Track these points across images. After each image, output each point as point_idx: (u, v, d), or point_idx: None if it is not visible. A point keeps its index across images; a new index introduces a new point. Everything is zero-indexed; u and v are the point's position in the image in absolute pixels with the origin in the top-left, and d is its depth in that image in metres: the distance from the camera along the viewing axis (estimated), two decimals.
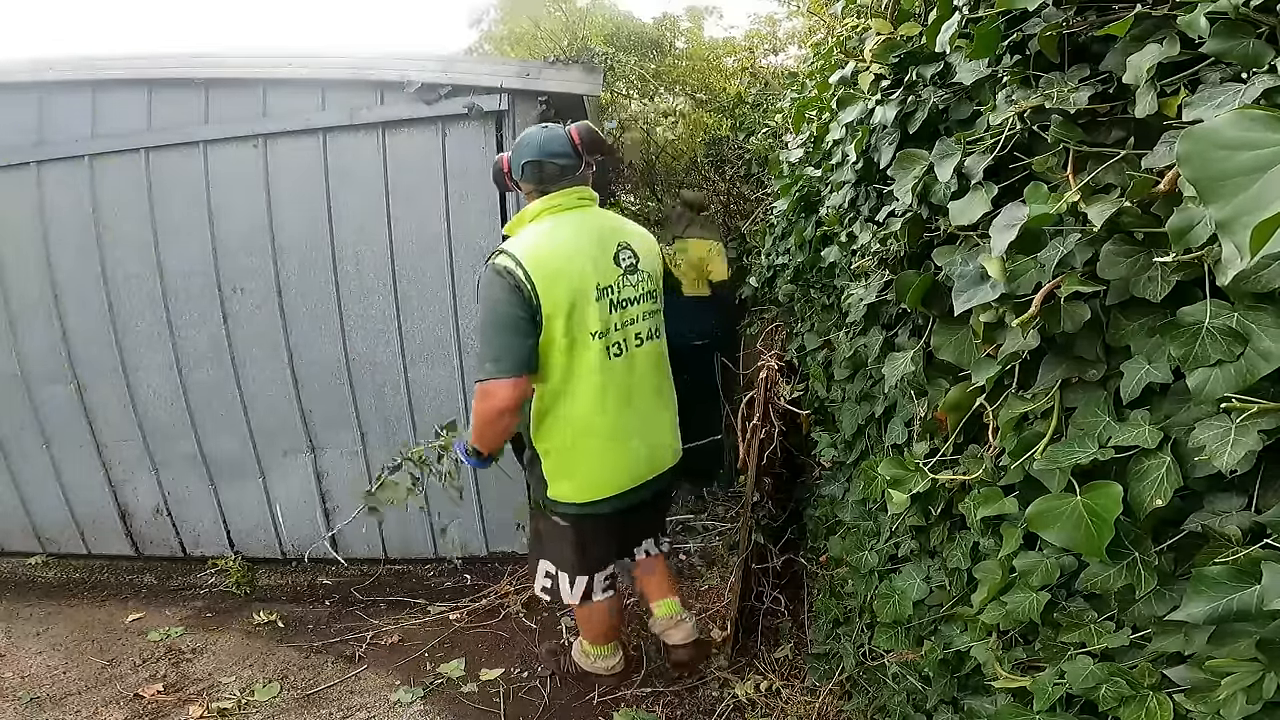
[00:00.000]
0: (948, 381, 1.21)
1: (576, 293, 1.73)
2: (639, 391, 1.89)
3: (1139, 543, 0.84)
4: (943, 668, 1.28)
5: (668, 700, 2.26)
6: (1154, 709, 0.81)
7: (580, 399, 1.81)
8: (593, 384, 1.80)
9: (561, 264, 1.73)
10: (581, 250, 1.77)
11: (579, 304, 1.74)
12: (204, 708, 2.25)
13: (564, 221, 1.80)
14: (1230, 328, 0.72)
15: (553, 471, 1.90)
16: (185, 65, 2.82)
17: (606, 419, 1.84)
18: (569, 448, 1.86)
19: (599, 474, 1.88)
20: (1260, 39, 0.76)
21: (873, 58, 1.37)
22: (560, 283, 1.71)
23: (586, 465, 1.87)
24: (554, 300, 1.71)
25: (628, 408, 1.86)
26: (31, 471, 3.22)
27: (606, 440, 1.85)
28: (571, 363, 1.77)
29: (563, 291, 1.71)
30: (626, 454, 1.89)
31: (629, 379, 1.85)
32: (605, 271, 1.79)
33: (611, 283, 1.80)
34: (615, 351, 1.81)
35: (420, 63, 2.75)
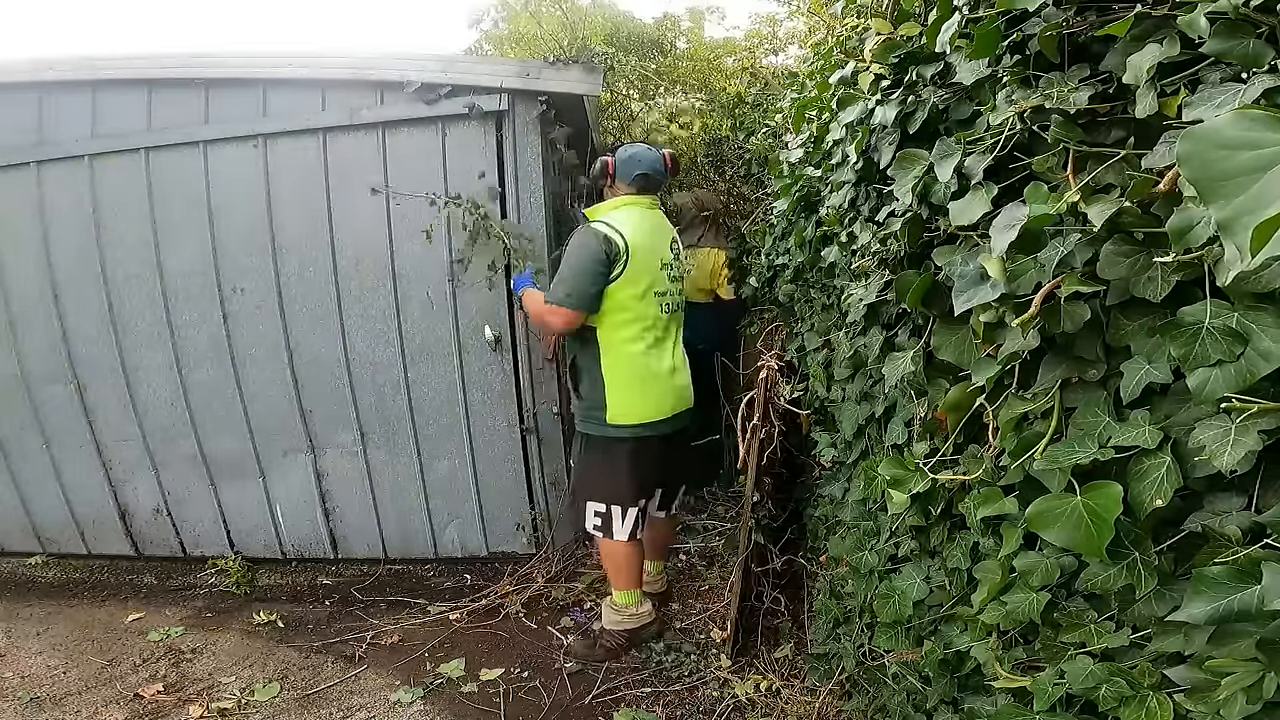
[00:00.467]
0: (948, 381, 1.21)
1: (655, 261, 2.38)
2: (674, 340, 2.50)
3: (1139, 543, 0.84)
4: (943, 668, 1.28)
5: (668, 700, 2.26)
6: (1154, 709, 0.81)
7: (642, 338, 2.37)
8: (652, 328, 2.39)
9: (649, 241, 2.38)
10: (656, 235, 2.43)
11: (655, 269, 2.38)
12: (204, 708, 2.25)
13: (643, 214, 2.41)
14: (1230, 328, 0.72)
15: (615, 398, 2.38)
16: (185, 65, 2.82)
17: (658, 355, 2.42)
18: (629, 375, 2.37)
19: (651, 399, 2.40)
20: (1260, 39, 0.76)
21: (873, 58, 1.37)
22: (647, 253, 2.36)
23: (643, 390, 2.39)
24: (641, 263, 2.32)
25: (669, 349, 2.46)
26: (31, 471, 3.22)
27: (658, 371, 2.40)
28: (642, 309, 2.35)
29: (647, 259, 2.35)
30: (670, 385, 2.44)
31: (670, 330, 2.47)
32: (665, 253, 2.45)
33: (669, 260, 2.45)
34: (670, 307, 2.44)
35: (420, 63, 2.75)
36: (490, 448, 3.05)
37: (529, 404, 2.99)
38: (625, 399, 2.37)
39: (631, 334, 2.36)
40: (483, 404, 3.00)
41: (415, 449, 3.06)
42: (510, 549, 3.15)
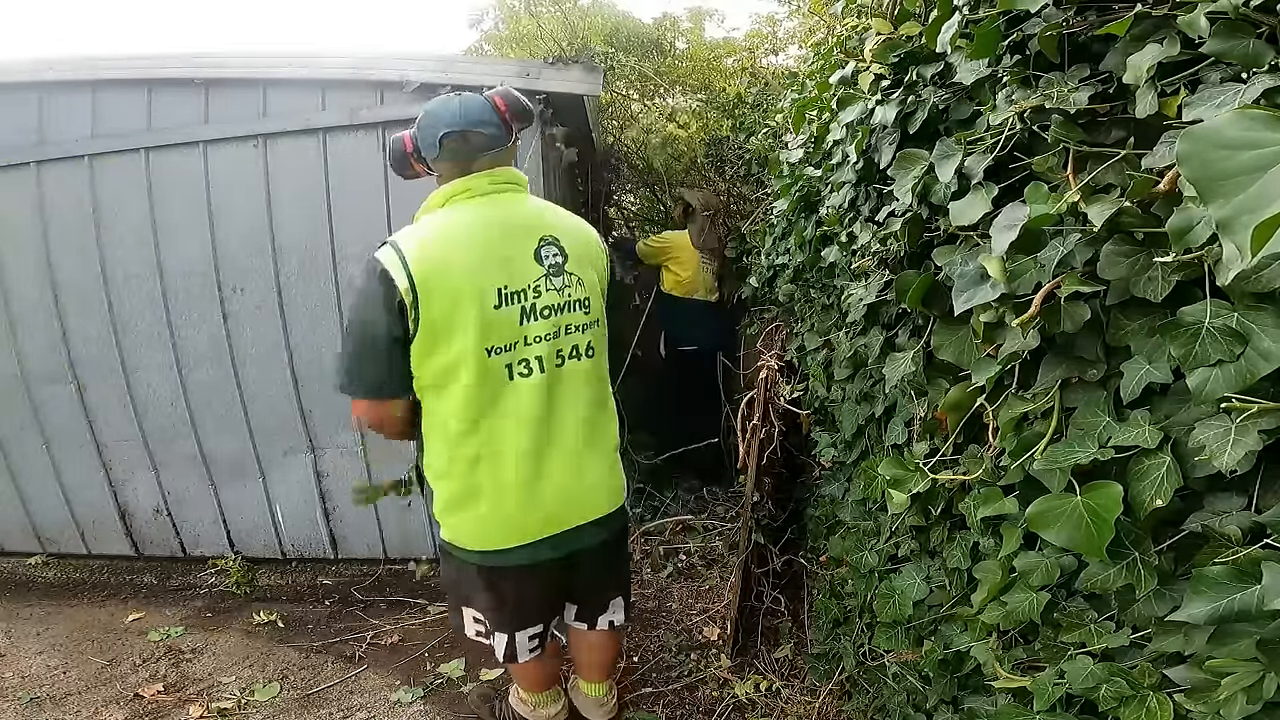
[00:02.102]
0: (948, 381, 1.21)
1: (466, 298, 1.40)
2: (558, 421, 1.52)
3: (1139, 543, 0.84)
4: (943, 668, 1.28)
5: (668, 700, 2.26)
6: (1154, 709, 0.81)
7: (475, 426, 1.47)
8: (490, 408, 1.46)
9: (453, 262, 1.40)
10: (483, 246, 1.43)
11: (469, 312, 1.40)
12: (204, 708, 2.25)
13: (471, 212, 1.47)
14: (1230, 328, 0.72)
15: (444, 509, 1.57)
16: (185, 65, 2.82)
17: (508, 452, 1.49)
18: (462, 483, 1.52)
19: (498, 518, 1.53)
20: (1260, 39, 0.76)
21: (873, 58, 1.37)
22: (447, 281, 1.39)
23: (483, 506, 1.52)
24: (437, 302, 1.38)
25: (538, 439, 1.51)
26: (31, 471, 3.22)
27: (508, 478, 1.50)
28: (463, 381, 1.44)
29: (449, 293, 1.38)
30: (533, 496, 1.52)
31: (543, 405, 1.49)
32: (517, 272, 1.44)
33: (524, 287, 1.45)
34: (523, 371, 1.46)
35: (420, 63, 2.75)
36: None
37: None
38: (456, 519, 1.57)
39: (458, 423, 1.48)
40: None
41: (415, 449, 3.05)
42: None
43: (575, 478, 1.57)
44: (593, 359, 1.57)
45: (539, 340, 1.47)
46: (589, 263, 1.57)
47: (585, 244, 1.59)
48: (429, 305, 1.39)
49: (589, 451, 1.59)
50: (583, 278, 1.54)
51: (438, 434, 1.53)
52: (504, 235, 1.47)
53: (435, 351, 1.43)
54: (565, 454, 1.55)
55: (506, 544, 1.55)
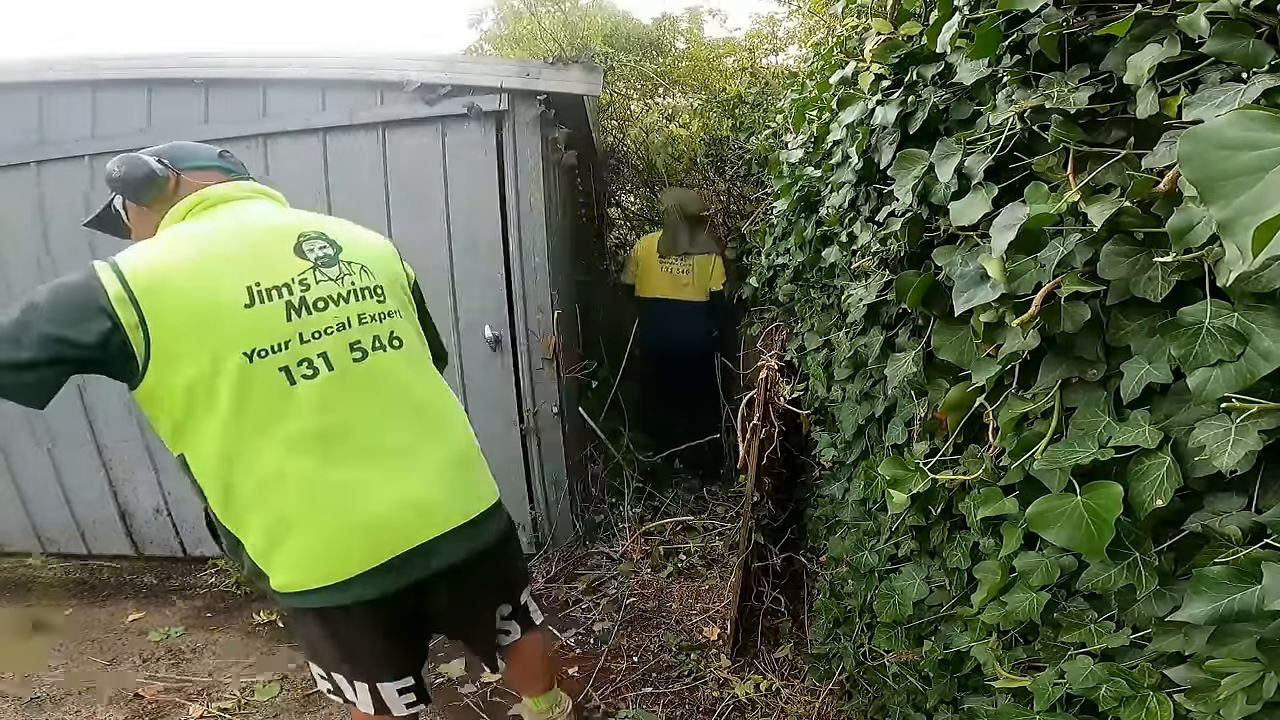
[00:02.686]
0: (948, 381, 1.21)
1: (209, 303, 1.20)
2: (370, 421, 1.30)
3: (1139, 543, 0.84)
4: (943, 668, 1.28)
5: (668, 700, 2.26)
6: (1154, 709, 0.81)
7: (262, 448, 1.22)
8: (276, 423, 1.23)
9: (188, 265, 1.21)
10: (229, 246, 1.25)
11: (215, 316, 1.19)
12: (204, 707, 2.25)
13: (210, 219, 1.31)
14: (1230, 328, 0.72)
15: (262, 555, 1.28)
16: (185, 65, 2.82)
17: (308, 469, 1.24)
18: (271, 519, 1.25)
19: (306, 552, 1.26)
20: (1260, 39, 0.76)
21: (873, 58, 1.37)
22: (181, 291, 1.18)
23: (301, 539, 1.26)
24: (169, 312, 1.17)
25: (342, 448, 1.27)
26: (31, 471, 3.22)
27: (314, 499, 1.25)
28: (231, 389, 1.19)
29: (186, 301, 1.18)
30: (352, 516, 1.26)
31: (344, 406, 1.28)
32: (276, 267, 1.26)
33: (289, 279, 1.26)
34: (307, 372, 1.24)
35: (420, 63, 2.75)
36: (490, 448, 2.99)
37: (529, 404, 2.98)
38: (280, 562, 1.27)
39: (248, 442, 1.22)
40: (482, 404, 3.00)
41: None
42: None
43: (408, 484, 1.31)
44: (402, 348, 1.36)
45: (323, 334, 1.26)
46: (374, 259, 1.39)
47: (366, 243, 1.42)
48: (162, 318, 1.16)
49: (424, 451, 1.35)
50: (367, 265, 1.36)
51: (212, 473, 1.24)
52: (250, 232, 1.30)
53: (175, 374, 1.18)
54: (388, 458, 1.31)
55: (333, 579, 1.26)
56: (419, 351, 1.42)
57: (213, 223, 1.30)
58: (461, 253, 2.86)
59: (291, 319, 1.24)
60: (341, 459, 1.27)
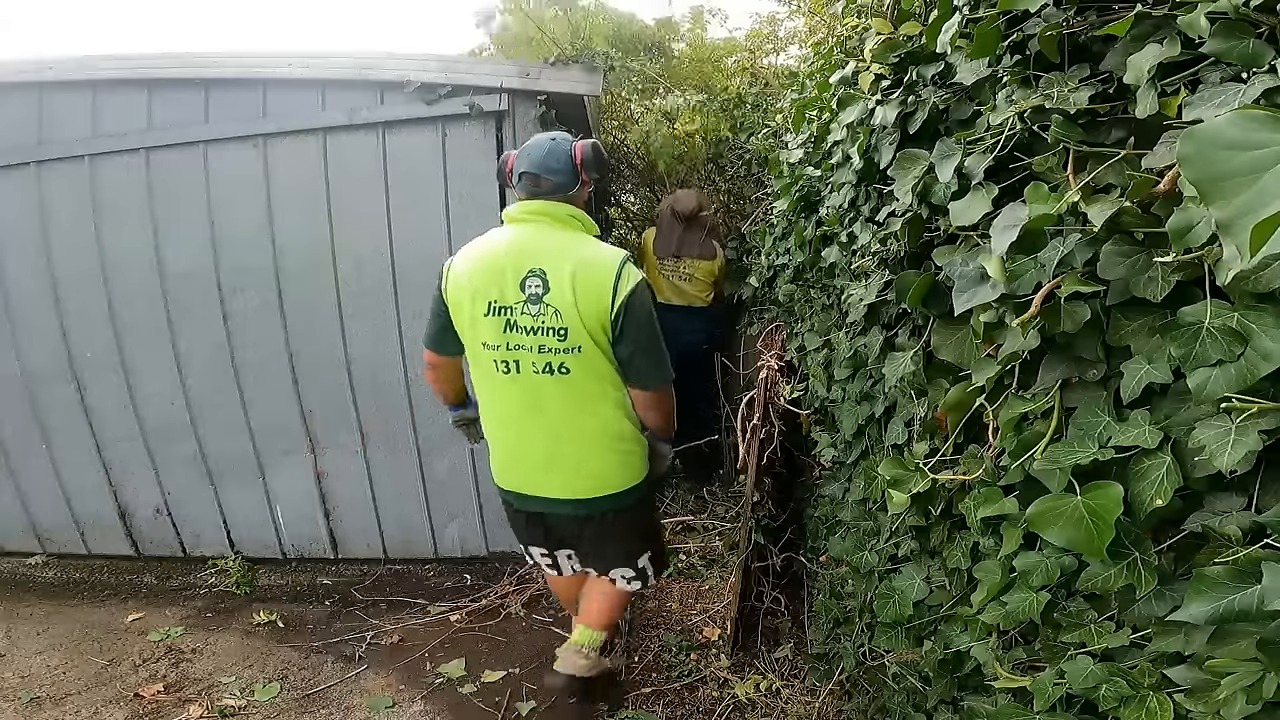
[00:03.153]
0: (948, 381, 1.21)
1: (471, 300, 1.77)
2: (529, 415, 1.81)
3: (1139, 543, 0.84)
4: (943, 668, 1.28)
5: (668, 700, 2.26)
6: (1154, 709, 0.81)
7: (481, 393, 1.90)
8: (485, 385, 1.86)
9: (469, 266, 1.79)
10: (489, 262, 1.77)
11: (472, 311, 1.77)
12: (204, 708, 2.25)
13: (499, 235, 1.82)
14: (1230, 328, 0.72)
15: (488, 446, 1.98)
16: (185, 65, 2.82)
17: (495, 419, 1.90)
18: (487, 432, 1.96)
19: (503, 468, 1.94)
20: (1260, 39, 0.76)
21: (873, 58, 1.37)
22: (463, 284, 1.78)
23: (496, 456, 1.95)
24: (452, 295, 1.81)
25: (513, 423, 1.86)
26: (31, 471, 3.22)
27: (496, 436, 1.93)
28: (475, 361, 1.85)
29: (463, 292, 1.78)
30: (508, 461, 1.92)
31: (514, 399, 1.81)
32: (504, 290, 1.74)
33: (510, 304, 1.74)
34: (502, 368, 1.78)
35: (420, 63, 2.75)
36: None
37: None
38: (490, 454, 1.97)
39: (476, 385, 1.90)
40: None
41: (415, 449, 3.06)
42: (510, 549, 3.15)
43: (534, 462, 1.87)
44: (568, 376, 1.77)
45: (518, 349, 1.76)
46: (575, 301, 1.71)
47: (582, 284, 1.72)
48: (453, 300, 1.81)
49: (558, 447, 1.84)
50: (561, 310, 1.72)
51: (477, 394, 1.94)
52: (504, 260, 1.75)
53: (460, 333, 1.83)
54: (536, 442, 1.85)
55: (511, 488, 1.93)
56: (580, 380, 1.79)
57: (501, 236, 1.81)
58: None
59: (505, 332, 1.75)
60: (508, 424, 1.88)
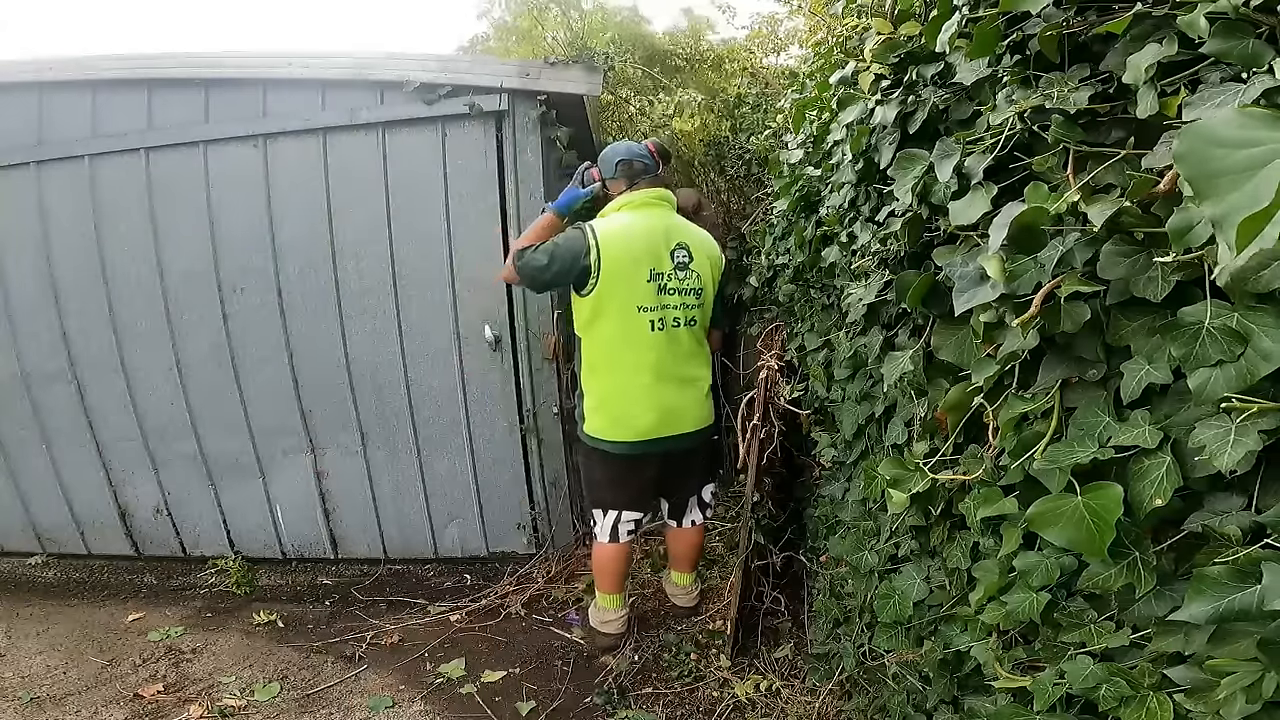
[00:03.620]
0: (948, 381, 1.21)
1: (631, 269, 2.16)
2: (669, 361, 2.25)
3: (1139, 543, 0.84)
4: (943, 668, 1.28)
5: (668, 700, 2.26)
6: (1154, 709, 0.81)
7: (621, 355, 2.22)
8: (633, 346, 2.21)
9: (626, 244, 2.17)
10: (644, 239, 2.19)
11: (633, 278, 2.17)
12: (204, 708, 2.25)
13: (638, 215, 2.23)
14: (1230, 328, 0.72)
15: (591, 409, 2.31)
16: (185, 65, 2.82)
17: (633, 376, 2.23)
18: (604, 391, 2.27)
19: (625, 422, 2.26)
20: (1260, 39, 0.76)
21: (873, 58, 1.37)
22: (622, 256, 2.16)
23: (617, 413, 2.26)
24: (612, 268, 2.15)
25: (657, 371, 2.24)
26: (31, 471, 3.22)
27: (636, 392, 2.24)
28: (621, 326, 2.19)
29: (624, 270, 2.16)
30: (649, 408, 2.25)
31: (662, 350, 2.23)
32: (660, 260, 2.21)
33: (665, 271, 2.21)
34: (657, 326, 2.21)
35: (420, 62, 2.75)
36: (490, 448, 3.05)
37: (529, 404, 2.99)
38: (598, 417, 2.30)
39: (609, 352, 2.24)
40: (483, 404, 3.00)
41: (415, 449, 3.06)
42: (510, 549, 3.15)
43: (673, 401, 2.28)
44: (694, 327, 2.31)
45: (667, 308, 2.22)
46: (707, 265, 2.31)
47: (708, 252, 2.34)
48: (609, 270, 2.15)
49: (685, 386, 2.31)
50: (700, 273, 2.28)
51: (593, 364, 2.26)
52: (657, 235, 2.21)
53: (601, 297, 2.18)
54: (670, 384, 2.27)
55: (631, 437, 2.26)
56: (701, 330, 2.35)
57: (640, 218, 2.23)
58: (462, 252, 2.86)
59: (659, 294, 2.21)
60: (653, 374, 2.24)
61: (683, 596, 2.67)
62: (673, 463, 2.38)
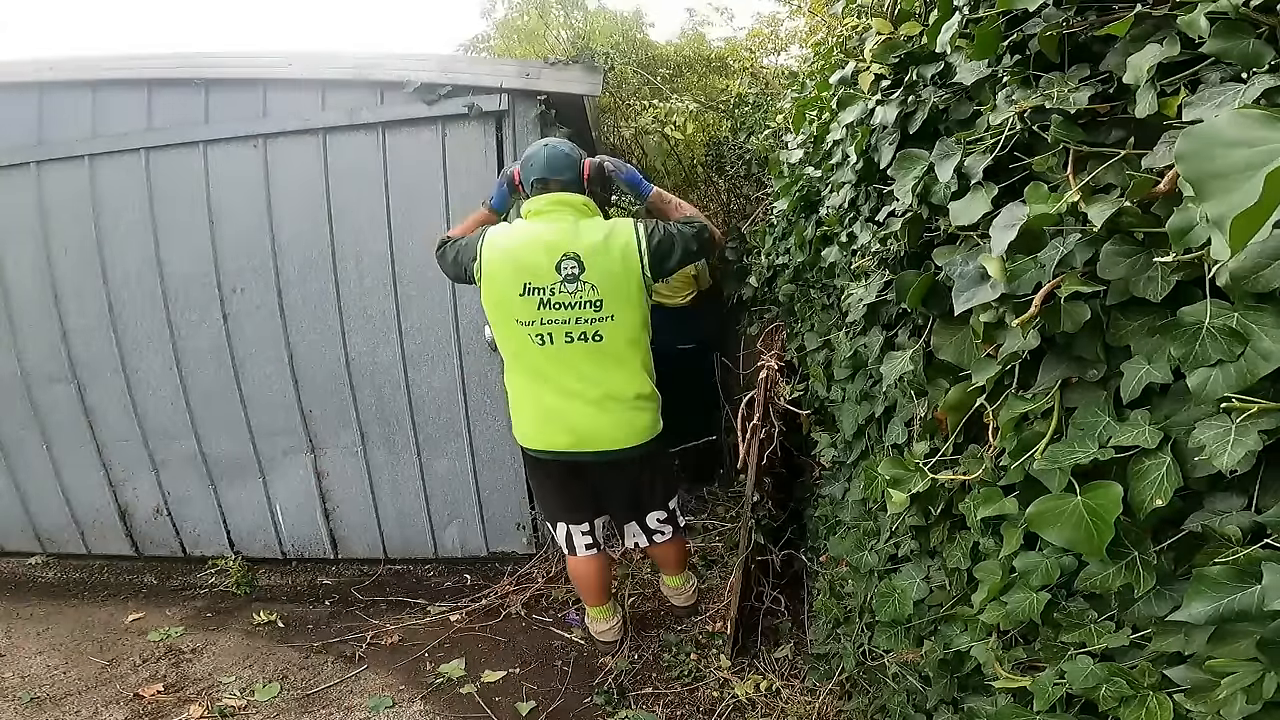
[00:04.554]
0: (948, 381, 1.21)
1: (506, 282, 2.03)
2: (567, 378, 2.09)
3: (1139, 543, 0.84)
4: (943, 668, 1.28)
5: (668, 700, 2.26)
6: (1154, 709, 0.81)
7: (514, 364, 2.15)
8: (519, 358, 2.11)
9: (504, 253, 2.04)
10: (524, 250, 2.02)
11: (507, 292, 2.03)
12: (204, 708, 2.25)
13: (528, 225, 2.07)
14: (1230, 328, 0.72)
15: (511, 412, 2.23)
16: (185, 65, 2.82)
17: (531, 388, 2.14)
18: (514, 398, 2.20)
19: (535, 429, 2.17)
20: (1260, 39, 0.76)
21: (873, 58, 1.37)
22: (498, 268, 2.04)
23: (518, 414, 2.20)
24: (490, 278, 2.05)
25: (549, 387, 2.10)
26: (31, 471, 3.22)
27: (530, 404, 2.16)
28: (506, 336, 2.10)
29: (498, 276, 2.04)
30: (547, 424, 2.14)
31: (552, 366, 2.08)
32: (540, 274, 2.00)
33: (544, 285, 2.01)
34: (543, 339, 2.04)
35: (420, 62, 2.75)
36: (490, 448, 3.05)
37: None
38: (516, 421, 2.21)
39: (509, 360, 2.15)
40: (483, 404, 3.00)
41: (415, 449, 3.06)
42: (510, 549, 3.15)
43: (576, 420, 2.11)
44: (600, 342, 2.06)
45: (552, 323, 2.03)
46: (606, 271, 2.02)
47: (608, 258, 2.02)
48: (487, 280, 2.05)
49: (600, 403, 2.10)
50: (595, 284, 2.02)
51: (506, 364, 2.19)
52: (539, 247, 2.01)
53: (487, 306, 2.10)
54: (568, 402, 2.10)
55: (545, 447, 2.17)
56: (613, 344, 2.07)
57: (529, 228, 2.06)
58: None
59: (540, 309, 2.01)
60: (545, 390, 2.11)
61: (677, 596, 2.65)
62: (601, 479, 2.26)
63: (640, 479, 2.28)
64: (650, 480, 2.30)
